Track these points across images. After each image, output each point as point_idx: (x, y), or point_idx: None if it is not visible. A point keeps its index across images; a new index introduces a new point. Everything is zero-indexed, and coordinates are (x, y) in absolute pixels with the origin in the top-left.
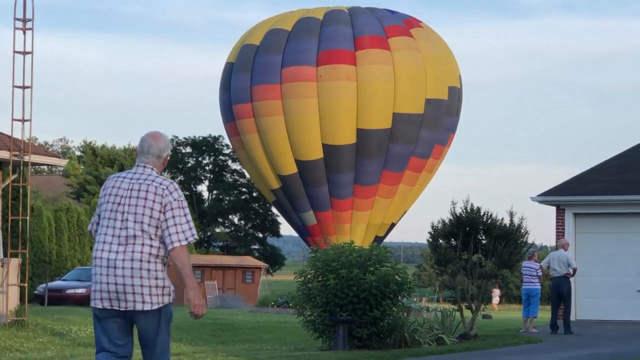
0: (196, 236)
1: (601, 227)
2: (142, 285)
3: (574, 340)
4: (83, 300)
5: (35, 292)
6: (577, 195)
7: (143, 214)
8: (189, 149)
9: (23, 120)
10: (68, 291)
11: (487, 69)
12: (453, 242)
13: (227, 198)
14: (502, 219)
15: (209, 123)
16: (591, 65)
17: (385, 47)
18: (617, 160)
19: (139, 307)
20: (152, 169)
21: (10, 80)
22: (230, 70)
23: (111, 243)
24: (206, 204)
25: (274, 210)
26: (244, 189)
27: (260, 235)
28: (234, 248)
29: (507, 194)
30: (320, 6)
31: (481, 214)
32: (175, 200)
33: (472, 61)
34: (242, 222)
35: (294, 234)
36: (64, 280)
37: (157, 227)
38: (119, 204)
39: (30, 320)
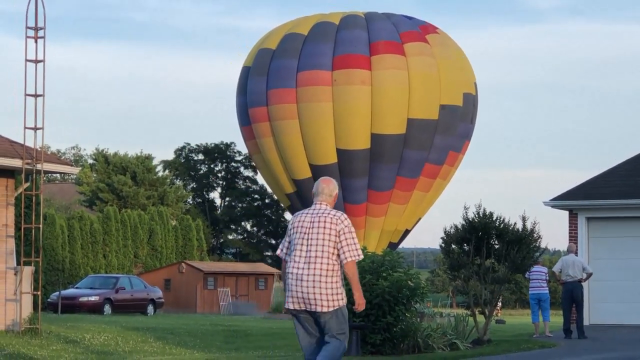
0: (361, 255)
1: (614, 231)
2: (320, 293)
3: (588, 344)
4: (96, 308)
5: (49, 300)
6: (589, 199)
7: (323, 239)
8: (201, 156)
9: (35, 129)
10: (81, 299)
11: (497, 73)
12: (466, 247)
13: (240, 205)
14: (515, 223)
15: (221, 130)
16: (603, 68)
17: (401, 52)
18: (630, 164)
19: (319, 309)
20: (327, 205)
21: (23, 88)
22: (246, 74)
23: (299, 262)
24: (218, 211)
25: (287, 216)
26: (256, 196)
27: (273, 241)
28: (247, 255)
29: (519, 198)
30: (337, 11)
31: (494, 218)
32: (346, 227)
33: (482, 65)
34: (255, 228)
35: None
36: (77, 288)
37: (334, 248)
38: (304, 233)
39: (43, 328)
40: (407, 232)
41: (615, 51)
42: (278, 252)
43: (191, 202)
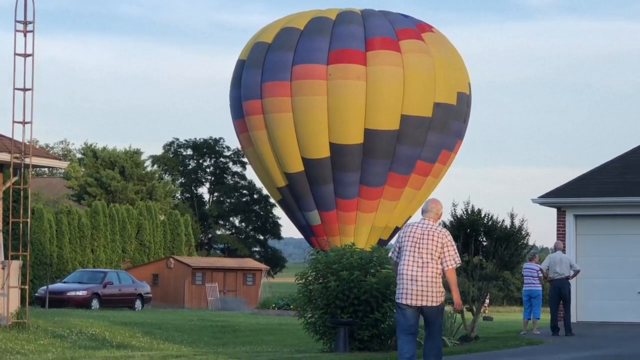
0: (460, 262)
1: (602, 229)
2: (430, 291)
3: (576, 341)
4: (84, 303)
5: (36, 294)
6: (578, 197)
7: (432, 249)
8: (189, 151)
9: (24, 123)
10: (69, 293)
11: (488, 71)
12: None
13: (228, 200)
14: (503, 220)
15: (210, 125)
16: (593, 67)
17: (396, 49)
18: (619, 162)
19: (428, 303)
20: (433, 222)
21: (11, 82)
22: (241, 68)
23: (412, 266)
24: (207, 206)
25: (275, 212)
26: (244, 191)
27: (261, 237)
28: (235, 250)
29: (508, 195)
30: (333, 7)
31: (482, 215)
32: (449, 240)
33: (475, 63)
34: (243, 224)
35: (295, 236)
36: (64, 282)
37: (438, 257)
38: (416, 242)
39: (31, 323)
40: (397, 229)
41: (609, 48)
42: (390, 254)
43: (179, 197)
